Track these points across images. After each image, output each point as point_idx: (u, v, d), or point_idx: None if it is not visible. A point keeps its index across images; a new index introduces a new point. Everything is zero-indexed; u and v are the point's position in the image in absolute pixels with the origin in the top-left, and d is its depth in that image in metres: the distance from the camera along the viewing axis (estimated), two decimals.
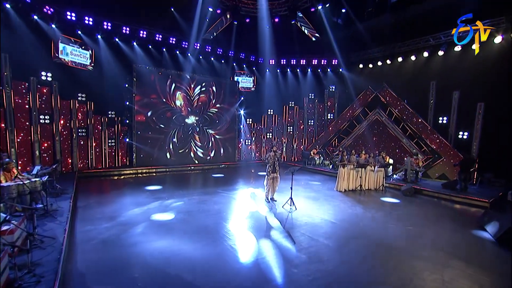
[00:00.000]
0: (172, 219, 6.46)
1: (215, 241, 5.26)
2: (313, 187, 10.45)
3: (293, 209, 7.38)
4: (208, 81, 15.04)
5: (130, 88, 12.35)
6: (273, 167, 8.05)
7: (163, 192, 9.00)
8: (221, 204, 7.75)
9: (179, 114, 14.13)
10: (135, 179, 11.12)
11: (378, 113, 13.75)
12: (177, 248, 4.89)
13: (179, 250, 4.84)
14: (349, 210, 7.55)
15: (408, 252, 4.95)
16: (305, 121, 17.36)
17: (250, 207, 7.58)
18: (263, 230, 5.90)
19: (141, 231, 5.63)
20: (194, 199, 8.19)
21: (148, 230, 5.70)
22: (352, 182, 9.87)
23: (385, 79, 13.42)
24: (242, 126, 16.95)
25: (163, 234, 5.49)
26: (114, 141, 12.40)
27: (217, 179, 11.85)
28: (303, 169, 14.48)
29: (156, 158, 13.29)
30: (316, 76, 16.98)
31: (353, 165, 9.84)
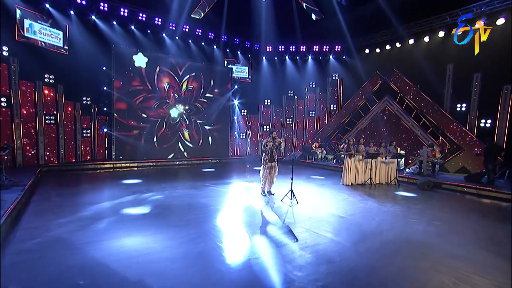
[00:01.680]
0: (146, 213, 5.52)
1: (197, 238, 4.34)
2: (316, 181, 9.60)
3: (293, 203, 6.52)
4: (198, 67, 14.24)
5: (108, 71, 11.39)
6: (271, 155, 7.18)
7: (142, 185, 8.14)
8: (209, 198, 6.86)
9: (166, 102, 13.26)
10: (113, 174, 10.15)
11: (387, 102, 13.00)
12: (145, 247, 3.96)
13: (148, 249, 3.91)
14: (360, 204, 6.68)
15: (443, 251, 4.06)
16: (306, 112, 16.59)
17: (243, 200, 6.73)
18: (257, 226, 4.99)
19: (104, 227, 4.68)
20: (177, 193, 7.31)
21: (113, 226, 4.75)
22: (361, 175, 9.03)
23: (395, 64, 12.64)
24: (236, 117, 16.12)
25: (132, 231, 4.55)
26: (90, 131, 11.43)
27: (207, 173, 11.00)
28: (304, 164, 13.65)
29: (139, 151, 12.37)
30: (317, 63, 16.28)
31: (362, 155, 8.99)
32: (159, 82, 12.98)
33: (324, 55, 16.18)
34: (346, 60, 15.63)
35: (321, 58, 16.14)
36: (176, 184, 8.53)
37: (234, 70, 16.05)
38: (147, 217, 5.31)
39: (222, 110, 15.12)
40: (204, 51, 14.92)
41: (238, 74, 16.27)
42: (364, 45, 14.47)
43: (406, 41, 12.58)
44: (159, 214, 5.47)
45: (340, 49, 15.86)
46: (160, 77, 12.98)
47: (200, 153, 14.28)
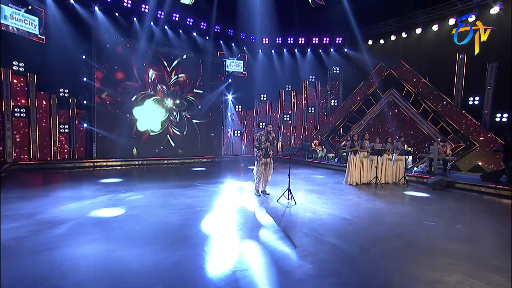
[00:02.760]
0: (119, 215, 4.88)
1: (174, 244, 3.71)
2: (316, 180, 9.02)
3: (291, 204, 5.92)
4: (189, 59, 13.70)
5: (88, 60, 10.72)
6: (265, 150, 6.59)
7: (122, 185, 7.51)
8: (195, 198, 6.24)
9: (153, 96, 12.59)
10: (92, 172, 9.48)
11: (392, 96, 12.51)
12: (113, 255, 3.33)
13: (115, 257, 3.29)
14: (367, 204, 6.08)
15: (472, 260, 3.46)
16: (305, 107, 16.07)
17: (235, 201, 6.12)
18: (249, 230, 4.36)
19: (63, 232, 4.03)
20: (160, 193, 6.70)
21: (75, 230, 4.11)
22: (366, 173, 8.46)
23: (401, 56, 12.13)
24: (230, 113, 15.55)
25: (96, 236, 3.91)
26: (68, 127, 10.73)
27: (197, 172, 10.42)
28: (303, 162, 13.09)
29: (124, 148, 11.74)
30: (317, 56, 15.78)
31: (367, 152, 8.42)
32: (146, 74, 12.35)
33: (324, 48, 15.67)
34: (348, 52, 15.14)
35: (321, 50, 15.65)
36: (161, 183, 7.92)
37: (229, 64, 15.53)
38: (119, 220, 4.66)
39: (214, 105, 14.58)
40: (195, 42, 14.34)
41: (232, 69, 15.74)
42: (367, 36, 13.96)
43: (413, 31, 12.08)
44: (134, 217, 4.83)
45: (341, 41, 15.38)
46: (147, 69, 12.36)
47: (190, 151, 13.69)
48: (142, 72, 12.22)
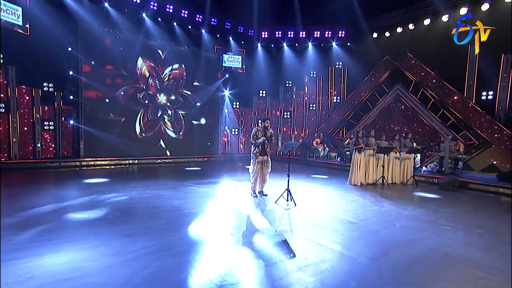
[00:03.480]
0: (96, 218, 4.46)
1: (155, 252, 3.29)
2: (318, 180, 8.62)
3: (290, 206, 5.52)
4: (184, 53, 13.34)
5: (75, 53, 10.31)
6: (263, 147, 6.17)
7: (107, 185, 7.12)
8: (185, 200, 5.84)
9: (145, 91, 12.26)
10: (77, 172, 9.06)
11: (399, 91, 12.13)
12: (78, 266, 2.92)
13: (81, 268, 2.87)
14: (374, 206, 5.67)
15: (503, 271, 3.03)
16: (306, 104, 15.68)
17: (229, 203, 5.72)
18: (242, 235, 3.95)
19: (30, 237, 3.62)
20: (147, 193, 6.29)
21: (44, 236, 3.69)
22: (372, 173, 8.07)
23: (408, 48, 11.72)
24: (227, 110, 15.17)
25: (67, 242, 3.49)
26: (54, 124, 10.30)
27: (191, 172, 10.04)
28: (304, 162, 12.74)
29: (113, 147, 11.35)
30: (319, 51, 15.41)
31: (373, 149, 8.01)
32: (138, 69, 11.95)
33: (326, 42, 15.28)
34: (351, 46, 14.77)
35: (323, 45, 15.29)
36: (150, 183, 7.52)
37: (226, 60, 15.15)
38: (96, 223, 4.24)
39: (211, 102, 14.23)
40: (190, 35, 13.91)
41: (230, 64, 15.34)
42: (372, 29, 13.55)
43: (421, 22, 11.65)
44: (113, 220, 4.41)
45: (344, 34, 14.97)
46: (138, 62, 11.96)
47: (185, 150, 13.30)
48: (133, 66, 11.82)
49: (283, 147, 5.90)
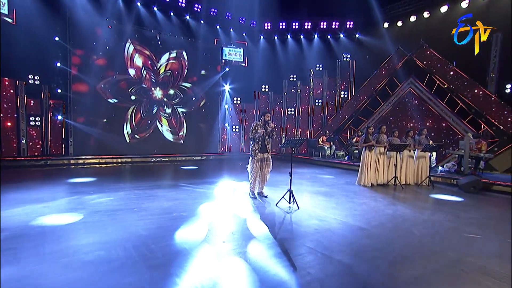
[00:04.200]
0: (71, 223, 4.07)
1: (133, 264, 2.90)
2: (324, 181, 8.20)
3: (293, 208, 5.11)
4: (181, 45, 13.00)
5: (63, 43, 9.97)
6: (262, 144, 5.76)
7: (93, 185, 6.79)
8: (176, 201, 5.46)
9: (139, 85, 11.92)
10: (64, 171, 8.75)
11: (412, 84, 11.64)
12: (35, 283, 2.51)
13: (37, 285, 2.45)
14: (387, 210, 5.21)
15: None
16: (311, 100, 15.29)
17: (224, 205, 5.33)
18: (237, 243, 3.54)
19: None
20: (135, 194, 5.94)
21: (5, 244, 3.29)
22: (383, 173, 7.61)
23: (422, 38, 11.23)
24: (228, 106, 14.84)
25: (29, 252, 3.10)
26: (40, 119, 10.01)
27: (187, 171, 9.72)
28: (309, 160, 12.37)
29: (105, 144, 11.02)
30: (325, 43, 15.01)
31: (384, 147, 7.56)
32: (132, 61, 11.61)
33: (333, 33, 14.87)
34: (360, 38, 14.33)
35: (330, 36, 14.87)
36: (140, 183, 7.19)
37: (227, 53, 14.83)
38: (68, 229, 3.85)
39: (210, 97, 13.90)
40: (188, 26, 13.56)
41: (231, 58, 15.02)
42: (383, 19, 13.05)
43: (437, 9, 11.13)
44: (90, 225, 4.02)
45: (352, 25, 14.55)
46: (132, 55, 11.61)
47: (182, 148, 13.03)
48: (126, 58, 11.47)
49: (285, 143, 5.46)
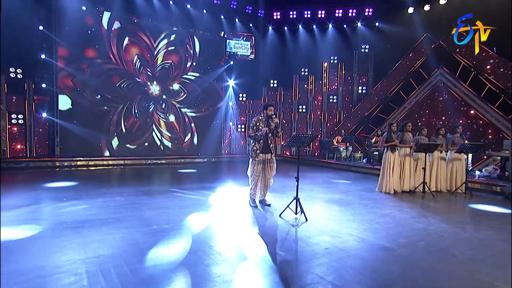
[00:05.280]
0: (21, 239, 3.52)
1: None
2: (339, 186, 7.57)
3: (300, 220, 4.48)
4: (181, 36, 12.57)
5: (47, 32, 9.64)
6: (265, 143, 5.18)
7: (70, 190, 6.34)
8: (161, 210, 4.91)
9: (134, 80, 11.52)
10: (46, 174, 8.34)
11: (442, 76, 10.92)
12: None
13: None
14: (417, 224, 4.49)
15: None
16: (325, 96, 14.71)
17: (218, 215, 4.77)
18: (226, 267, 2.90)
19: None
20: (115, 201, 5.42)
21: None
22: (409, 177, 6.90)
23: (455, 22, 10.49)
24: (232, 104, 14.45)
25: None
26: (23, 117, 9.68)
27: (183, 175, 9.30)
28: (322, 163, 11.81)
29: (95, 145, 10.67)
30: (341, 33, 14.49)
31: (410, 148, 6.87)
32: (125, 53, 11.21)
33: (350, 22, 14.31)
34: (380, 26, 13.69)
35: (346, 26, 14.34)
36: (127, 188, 6.73)
37: (232, 46, 14.59)
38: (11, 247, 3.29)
39: (212, 94, 13.42)
40: (189, 16, 13.20)
41: (237, 51, 14.76)
42: (407, 3, 12.34)
43: None
44: (43, 241, 3.47)
45: (371, 12, 13.97)
46: (126, 46, 11.21)
47: (181, 149, 12.59)
48: (119, 50, 11.06)
49: (290, 140, 4.80)
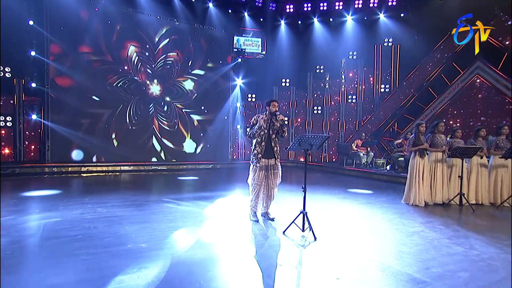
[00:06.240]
0: None
1: None
2: (357, 198, 7.02)
3: (307, 240, 3.95)
4: (183, 31, 12.43)
5: (38, 28, 9.56)
6: (268, 145, 4.71)
7: (50, 200, 6.04)
8: (143, 225, 4.46)
9: (132, 80, 11.39)
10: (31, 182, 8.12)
11: (480, 69, 10.47)
12: None
13: None
14: (455, 246, 3.85)
15: None
16: (343, 96, 14.35)
17: (212, 231, 4.34)
18: None
19: None
20: (95, 213, 5.05)
21: None
22: (442, 188, 6.26)
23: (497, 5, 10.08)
24: (240, 105, 14.27)
25: None
26: (12, 119, 9.60)
27: (182, 183, 9.10)
28: (339, 170, 11.43)
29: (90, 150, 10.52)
30: (361, 26, 14.00)
31: (443, 151, 6.25)
32: (123, 50, 11.08)
33: (371, 13, 13.78)
34: (406, 17, 13.04)
35: (367, 18, 13.87)
36: (112, 198, 6.36)
37: (242, 43, 14.47)
38: None
39: (218, 94, 13.26)
40: (193, 9, 13.02)
41: (247, 48, 14.57)
42: None
43: None
44: None
45: (395, 2, 13.44)
46: (123, 42, 11.09)
47: (184, 155, 12.35)
48: (117, 47, 10.95)
49: (295, 142, 4.23)
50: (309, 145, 4.23)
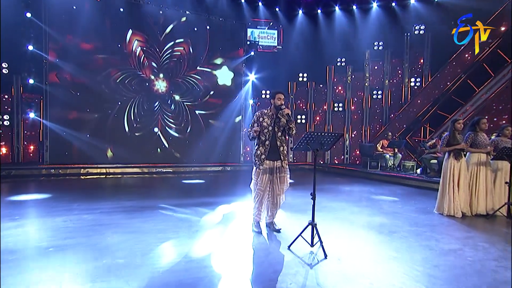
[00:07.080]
0: None
1: None
2: (382, 205, 6.62)
3: (316, 256, 3.58)
4: (192, 23, 12.36)
5: (35, 20, 9.64)
6: (272, 145, 4.37)
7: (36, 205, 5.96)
8: (129, 235, 4.21)
9: (136, 75, 11.37)
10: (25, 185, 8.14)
11: None
12: None
13: None
14: (504, 271, 3.35)
15: None
16: (367, 90, 14.02)
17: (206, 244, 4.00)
18: None
19: None
20: (79, 221, 4.85)
21: None
22: (485, 196, 5.73)
23: None
24: (253, 102, 14.14)
25: None
26: (9, 118, 9.75)
27: (186, 187, 8.97)
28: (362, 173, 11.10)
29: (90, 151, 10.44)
30: (388, 12, 13.76)
31: (487, 153, 5.75)
32: (126, 43, 11.04)
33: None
34: (441, 1, 12.47)
35: (395, 3, 13.51)
36: (105, 203, 6.21)
37: (256, 36, 14.49)
38: None
39: (229, 89, 13.09)
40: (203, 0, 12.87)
41: (262, 42, 14.60)
42: None
43: None
44: None
45: None
46: (127, 35, 11.04)
47: (192, 156, 12.14)
48: (120, 41, 10.93)
49: (302, 141, 3.77)
50: (319, 144, 3.76)
